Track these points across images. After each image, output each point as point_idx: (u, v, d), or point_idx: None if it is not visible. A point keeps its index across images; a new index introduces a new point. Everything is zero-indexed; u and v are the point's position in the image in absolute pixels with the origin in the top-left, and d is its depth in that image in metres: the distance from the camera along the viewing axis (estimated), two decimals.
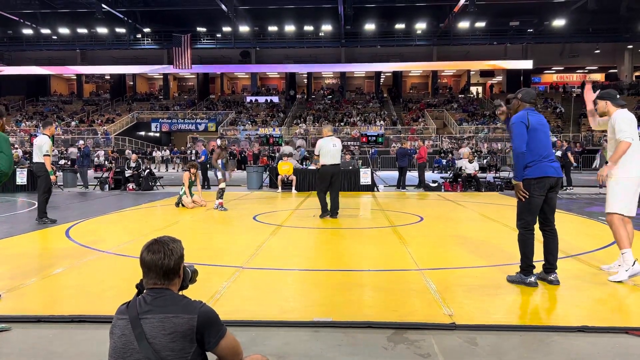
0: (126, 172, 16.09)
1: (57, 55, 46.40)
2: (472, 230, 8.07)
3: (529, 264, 4.52)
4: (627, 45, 43.89)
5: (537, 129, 4.49)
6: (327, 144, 9.04)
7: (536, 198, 4.47)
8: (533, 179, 4.45)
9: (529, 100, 4.63)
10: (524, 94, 4.66)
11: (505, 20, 40.73)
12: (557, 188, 4.59)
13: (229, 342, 2.13)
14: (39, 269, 5.19)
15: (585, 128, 37.38)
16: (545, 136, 4.55)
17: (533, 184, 4.45)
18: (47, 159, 8.63)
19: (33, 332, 3.49)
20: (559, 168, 4.60)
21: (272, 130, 35.95)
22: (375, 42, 44.15)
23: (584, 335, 3.38)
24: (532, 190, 4.46)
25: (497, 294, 4.29)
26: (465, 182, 15.48)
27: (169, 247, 2.11)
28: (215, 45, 45.27)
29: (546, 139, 4.55)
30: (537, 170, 4.44)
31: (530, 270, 4.51)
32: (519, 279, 4.55)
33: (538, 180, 4.44)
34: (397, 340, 3.29)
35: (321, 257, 6.25)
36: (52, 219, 8.63)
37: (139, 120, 42.28)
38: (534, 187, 4.45)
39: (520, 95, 4.68)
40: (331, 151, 9.01)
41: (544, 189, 4.47)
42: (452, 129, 38.52)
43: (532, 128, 4.47)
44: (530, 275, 4.50)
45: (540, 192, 4.46)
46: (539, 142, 4.48)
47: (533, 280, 4.48)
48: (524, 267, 4.56)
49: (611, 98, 4.88)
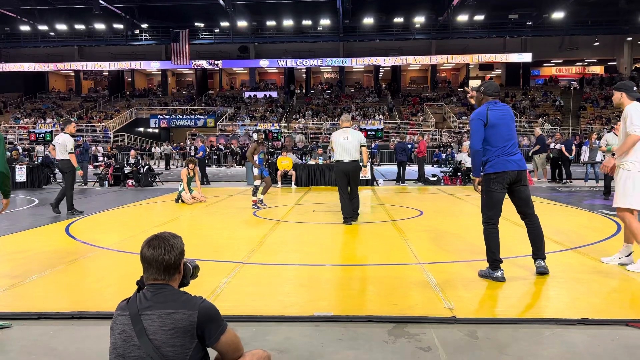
0: (125, 169, 16.08)
1: (55, 51, 46.27)
2: (472, 224, 8.05)
3: (494, 258, 4.49)
4: (626, 37, 43.80)
5: (497, 124, 4.43)
6: (338, 137, 8.01)
7: (496, 193, 4.46)
8: (492, 173, 4.43)
9: (492, 93, 4.57)
10: (487, 87, 4.61)
11: (504, 13, 40.61)
12: (522, 181, 4.53)
13: (230, 338, 2.13)
14: (39, 265, 5.19)
15: (585, 121, 37.37)
16: (507, 129, 4.48)
17: (492, 178, 4.44)
18: (72, 156, 9.42)
19: (34, 329, 3.49)
20: (522, 161, 4.52)
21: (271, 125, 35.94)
22: (373, 36, 44.02)
23: (584, 327, 3.39)
24: (491, 185, 4.45)
25: (498, 287, 4.29)
26: (464, 175, 15.47)
27: (169, 243, 2.11)
28: (214, 40, 45.14)
29: (508, 132, 4.48)
30: (496, 165, 4.42)
31: (497, 265, 4.49)
32: (487, 274, 4.54)
33: (497, 175, 4.42)
34: (398, 334, 3.30)
35: (321, 252, 6.25)
36: (79, 210, 9.40)
37: (138, 116, 42.24)
38: (493, 182, 4.44)
39: (482, 89, 4.62)
40: (342, 145, 7.90)
41: (503, 183, 4.44)
42: (451, 123, 38.49)
43: (491, 124, 4.42)
44: (497, 269, 4.47)
45: (499, 187, 4.44)
46: (499, 136, 4.42)
47: (500, 275, 4.45)
48: (490, 262, 4.54)
49: (627, 90, 4.81)
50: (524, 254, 5.55)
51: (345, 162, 7.86)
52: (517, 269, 4.94)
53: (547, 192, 12.84)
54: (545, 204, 10.39)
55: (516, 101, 41.83)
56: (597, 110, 38.77)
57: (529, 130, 36.11)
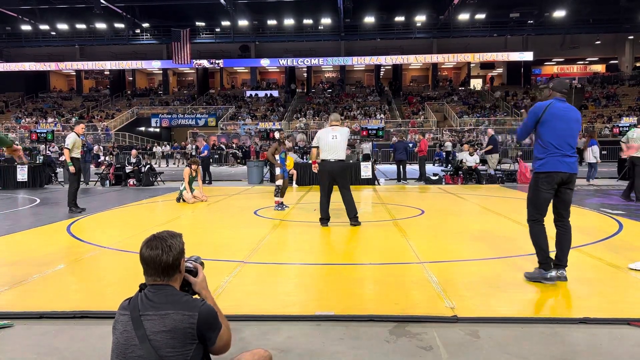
0: (126, 168, 16.09)
1: (56, 51, 46.32)
2: (473, 223, 8.06)
3: (546, 256, 4.31)
4: (627, 35, 43.70)
5: (553, 121, 4.28)
6: (325, 135, 7.58)
7: (543, 192, 4.32)
8: (542, 173, 4.31)
9: (560, 89, 4.45)
10: (556, 84, 4.50)
11: (505, 11, 40.56)
12: (571, 184, 4.36)
13: (224, 335, 2.17)
14: (40, 265, 5.20)
15: (586, 119, 37.31)
16: (564, 129, 4.29)
17: (541, 178, 4.31)
18: (66, 152, 9.59)
19: (35, 328, 3.49)
20: (574, 163, 4.34)
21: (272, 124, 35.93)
22: (374, 35, 43.99)
23: (585, 326, 3.38)
24: (539, 184, 4.33)
25: (499, 287, 4.29)
26: (466, 174, 15.46)
27: (167, 243, 2.09)
28: (215, 39, 45.14)
29: (565, 132, 4.28)
30: (547, 164, 4.28)
31: (549, 264, 4.30)
32: (538, 275, 4.34)
33: (547, 175, 4.29)
34: (399, 334, 3.30)
35: (322, 251, 6.26)
36: (81, 208, 9.52)
37: (139, 115, 42.26)
38: (541, 180, 4.31)
39: (552, 85, 4.52)
40: (329, 143, 7.49)
41: (552, 184, 4.30)
42: (452, 122, 38.46)
43: (546, 120, 4.29)
44: (549, 269, 4.28)
45: (547, 187, 4.30)
46: (554, 134, 4.27)
47: (554, 275, 4.26)
48: (541, 261, 4.35)
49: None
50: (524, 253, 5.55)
51: (331, 162, 7.49)
52: (517, 268, 4.93)
53: None
54: None
55: (517, 100, 41.78)
56: (599, 109, 38.70)
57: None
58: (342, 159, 7.59)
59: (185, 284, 2.22)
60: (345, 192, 7.55)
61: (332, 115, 8.01)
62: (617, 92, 40.96)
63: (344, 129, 7.82)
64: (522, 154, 28.25)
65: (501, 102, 41.32)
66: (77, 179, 9.72)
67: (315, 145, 7.79)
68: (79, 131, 9.88)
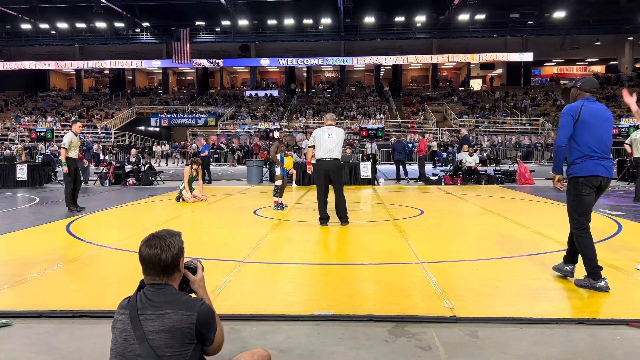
0: (126, 167, 16.09)
1: (56, 50, 46.28)
2: (473, 224, 8.07)
3: (594, 265, 4.11)
4: (627, 36, 43.72)
5: (590, 122, 4.07)
6: (321, 134, 7.62)
7: (586, 197, 4.14)
8: (581, 177, 4.10)
9: (589, 89, 4.20)
10: (584, 82, 4.25)
11: (505, 12, 40.57)
12: (604, 190, 4.23)
13: (219, 335, 2.18)
14: (40, 264, 5.19)
15: None
16: (601, 130, 4.11)
17: (581, 182, 4.11)
18: (62, 151, 9.53)
19: (34, 327, 3.49)
20: (611, 168, 4.20)
21: (272, 124, 35.92)
22: (374, 35, 43.99)
23: (585, 327, 3.39)
24: (580, 189, 4.12)
25: (498, 287, 4.29)
26: (465, 175, 15.47)
27: (166, 243, 2.08)
28: (215, 39, 45.12)
29: (601, 134, 4.11)
30: (585, 167, 4.09)
31: (598, 274, 4.11)
32: (587, 284, 4.17)
33: (586, 179, 4.09)
34: (398, 334, 3.30)
35: (322, 251, 6.26)
36: (80, 207, 9.52)
37: (139, 115, 42.23)
38: (582, 185, 4.11)
39: (579, 84, 4.27)
40: (325, 142, 7.54)
41: (593, 187, 4.12)
42: (452, 122, 38.46)
43: (583, 121, 4.06)
44: (599, 279, 4.09)
45: (588, 191, 4.12)
46: (590, 136, 4.07)
47: (603, 284, 4.07)
48: (590, 271, 4.16)
49: None
50: (524, 254, 5.56)
51: (327, 161, 7.52)
52: (517, 268, 4.94)
53: (548, 192, 12.83)
54: (546, 204, 10.39)
55: (517, 100, 41.79)
56: None
57: (530, 129, 36.10)
58: (337, 158, 7.62)
59: (183, 280, 2.22)
60: (339, 192, 7.59)
61: (327, 115, 8.04)
62: (616, 93, 40.97)
63: (341, 131, 7.86)
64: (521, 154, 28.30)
65: (501, 103, 41.33)
66: (72, 179, 9.56)
67: (311, 144, 7.82)
68: (76, 130, 9.79)
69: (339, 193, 7.60)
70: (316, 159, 7.69)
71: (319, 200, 7.65)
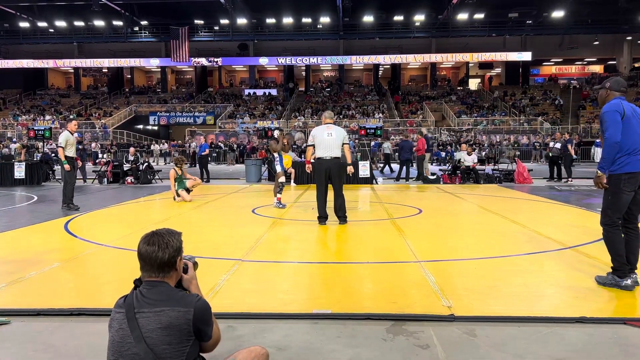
0: (124, 166, 16.07)
1: (54, 48, 46.17)
2: (471, 222, 8.08)
3: (622, 262, 4.08)
4: (626, 36, 43.77)
5: (631, 119, 4.07)
6: (321, 133, 7.60)
7: (625, 195, 4.07)
8: (624, 174, 4.05)
9: (619, 88, 4.23)
10: (613, 83, 4.26)
11: (504, 11, 40.58)
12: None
13: (216, 331, 2.18)
14: (38, 262, 5.19)
15: (584, 120, 37.39)
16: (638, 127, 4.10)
17: (624, 179, 4.05)
18: (60, 150, 9.60)
19: (32, 325, 3.49)
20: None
21: (271, 123, 35.89)
22: (373, 34, 43.98)
23: (582, 326, 3.39)
24: (622, 186, 4.07)
25: (496, 286, 4.30)
26: (464, 174, 15.48)
27: (164, 240, 2.09)
28: (213, 37, 45.06)
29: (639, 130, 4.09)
30: (630, 164, 4.04)
31: (624, 271, 4.07)
32: (611, 281, 4.14)
33: (631, 176, 4.04)
34: (396, 332, 3.30)
35: (320, 249, 6.26)
36: (75, 206, 9.45)
37: (137, 113, 42.18)
38: (624, 182, 4.06)
39: (608, 85, 4.28)
40: (325, 141, 7.54)
41: (636, 185, 4.08)
42: (450, 122, 38.49)
43: (626, 117, 4.06)
44: (625, 277, 4.06)
45: (630, 189, 4.07)
46: (634, 133, 4.06)
47: (630, 283, 4.04)
48: (617, 267, 4.13)
49: None
50: (522, 253, 5.57)
51: (327, 159, 7.53)
52: (515, 267, 4.94)
53: (546, 191, 12.85)
54: (545, 203, 10.41)
55: (515, 100, 41.82)
56: (597, 110, 38.74)
57: (528, 129, 36.14)
58: (337, 157, 7.61)
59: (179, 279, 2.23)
60: (338, 189, 7.59)
61: (325, 113, 8.03)
62: None
63: (341, 129, 7.84)
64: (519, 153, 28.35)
65: (499, 102, 41.36)
66: (73, 176, 9.64)
67: (311, 143, 7.80)
68: (71, 128, 9.75)
69: (338, 192, 7.61)
70: (316, 158, 7.68)
71: (318, 198, 7.64)
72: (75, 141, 10.09)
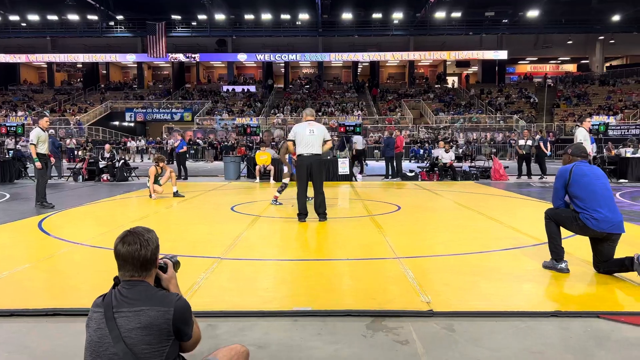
0: (100, 163, 15.80)
1: (27, 42, 45.08)
2: (449, 219, 8.17)
3: (558, 246, 4.63)
4: (598, 36, 44.78)
5: (580, 180, 4.44)
6: (302, 130, 7.58)
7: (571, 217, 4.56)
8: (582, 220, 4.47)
9: (579, 154, 4.71)
10: (574, 149, 4.78)
11: (480, 10, 41.14)
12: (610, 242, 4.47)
13: (196, 330, 2.17)
14: (11, 261, 5.07)
15: (558, 118, 38.12)
16: (597, 187, 4.41)
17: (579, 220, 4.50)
18: (32, 148, 9.29)
19: (6, 326, 3.41)
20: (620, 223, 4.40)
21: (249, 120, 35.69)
22: (352, 31, 44.09)
23: (557, 319, 3.47)
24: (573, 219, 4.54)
25: (474, 281, 4.36)
26: (441, 171, 15.66)
27: (144, 238, 2.07)
28: (191, 33, 44.57)
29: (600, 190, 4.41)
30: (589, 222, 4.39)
31: (561, 255, 4.56)
32: (550, 265, 4.63)
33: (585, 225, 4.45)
34: (376, 328, 3.32)
35: (300, 247, 6.26)
36: (49, 204, 9.25)
37: (113, 109, 41.49)
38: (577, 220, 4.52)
39: (570, 151, 4.79)
40: (306, 138, 7.52)
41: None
42: (428, 119, 38.83)
43: (574, 180, 4.46)
44: (561, 260, 4.56)
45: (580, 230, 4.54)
46: (586, 190, 4.42)
47: (564, 266, 4.54)
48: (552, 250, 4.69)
49: None
50: (498, 248, 5.66)
51: (308, 156, 7.51)
52: (492, 263, 5.02)
53: (521, 188, 13.07)
54: (520, 199, 10.59)
55: (492, 98, 42.41)
56: (570, 108, 39.58)
57: (504, 126, 36.68)
58: (318, 154, 7.62)
59: (156, 279, 2.20)
60: (318, 186, 7.59)
61: (306, 110, 8.06)
62: (587, 91, 41.94)
63: (322, 126, 7.85)
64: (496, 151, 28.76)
65: (476, 100, 41.89)
66: (45, 174, 9.42)
67: (292, 138, 7.75)
68: (43, 125, 9.50)
69: (318, 189, 7.60)
70: (297, 155, 7.67)
71: (299, 195, 7.62)
72: (47, 138, 9.85)
